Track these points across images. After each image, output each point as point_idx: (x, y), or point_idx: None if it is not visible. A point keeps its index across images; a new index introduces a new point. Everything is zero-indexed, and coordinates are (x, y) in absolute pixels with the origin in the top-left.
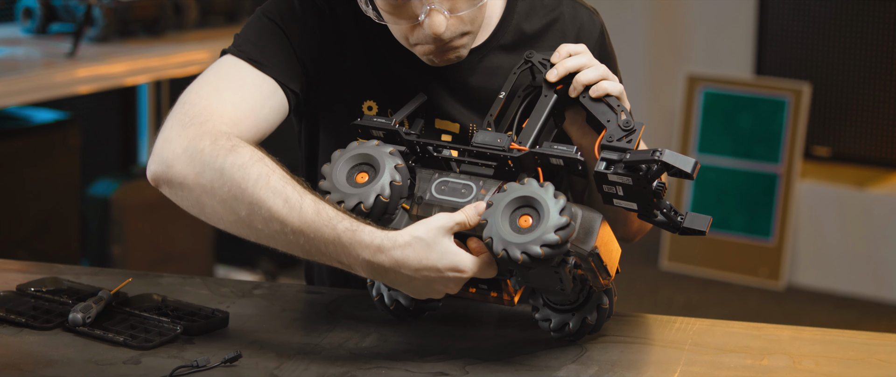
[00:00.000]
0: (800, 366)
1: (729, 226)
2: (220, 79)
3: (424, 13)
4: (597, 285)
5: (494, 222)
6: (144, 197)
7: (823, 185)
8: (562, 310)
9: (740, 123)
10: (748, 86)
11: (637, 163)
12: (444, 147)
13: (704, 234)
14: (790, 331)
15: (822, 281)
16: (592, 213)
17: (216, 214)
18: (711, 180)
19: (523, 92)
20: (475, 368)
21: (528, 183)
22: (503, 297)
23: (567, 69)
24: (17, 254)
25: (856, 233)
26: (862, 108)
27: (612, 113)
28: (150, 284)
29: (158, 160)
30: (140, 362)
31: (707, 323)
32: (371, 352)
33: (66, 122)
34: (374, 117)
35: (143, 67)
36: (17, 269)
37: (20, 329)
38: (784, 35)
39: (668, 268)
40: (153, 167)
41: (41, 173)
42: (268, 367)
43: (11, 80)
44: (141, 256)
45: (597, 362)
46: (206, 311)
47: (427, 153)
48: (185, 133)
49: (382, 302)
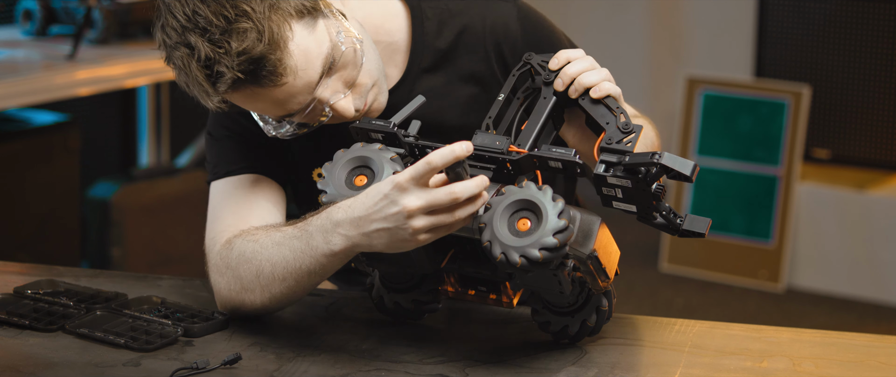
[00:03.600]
0: (799, 368)
1: (728, 228)
2: (212, 210)
3: (328, 111)
4: (596, 287)
5: (493, 225)
6: (144, 199)
7: (823, 188)
8: (561, 312)
9: (740, 126)
10: (748, 88)
11: (636, 165)
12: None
13: (704, 236)
14: (790, 334)
15: (821, 283)
16: (591, 216)
17: (271, 298)
18: (711, 182)
19: (522, 93)
20: (475, 370)
21: (526, 186)
22: (502, 300)
23: (570, 76)
24: (17, 257)
25: (855, 235)
26: (862, 110)
27: (611, 115)
28: (150, 286)
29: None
30: (140, 364)
31: (707, 325)
32: (371, 354)
33: (66, 124)
34: (372, 120)
35: (143, 69)
36: (16, 272)
37: (20, 331)
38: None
39: (667, 270)
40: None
41: (41, 175)
42: (267, 369)
43: (11, 82)
44: (141, 258)
45: (596, 364)
46: (206, 313)
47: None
48: (217, 278)
49: (382, 303)
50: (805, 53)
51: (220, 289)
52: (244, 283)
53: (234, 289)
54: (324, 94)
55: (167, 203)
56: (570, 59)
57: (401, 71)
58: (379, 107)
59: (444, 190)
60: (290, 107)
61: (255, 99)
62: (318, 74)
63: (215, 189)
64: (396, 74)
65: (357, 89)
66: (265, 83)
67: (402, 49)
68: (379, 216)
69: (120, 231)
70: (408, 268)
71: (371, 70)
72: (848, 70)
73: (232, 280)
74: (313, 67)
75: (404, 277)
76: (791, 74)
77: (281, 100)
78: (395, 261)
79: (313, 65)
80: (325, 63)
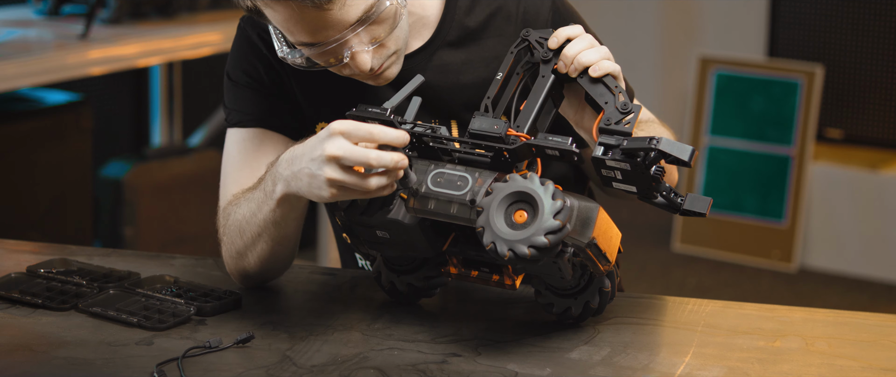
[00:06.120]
0: (812, 347)
1: (741, 208)
2: (223, 164)
3: (347, 56)
4: (597, 271)
5: (489, 213)
6: (157, 178)
7: (836, 168)
8: (563, 294)
9: (753, 106)
10: (761, 68)
11: (634, 150)
12: (441, 139)
13: (705, 216)
14: (803, 313)
15: (834, 263)
16: (589, 203)
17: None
18: (724, 162)
19: (521, 68)
20: (487, 349)
21: (529, 177)
22: (505, 281)
23: (570, 58)
24: (30, 236)
25: (868, 215)
26: (875, 90)
27: (610, 94)
28: (162, 265)
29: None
30: (153, 343)
31: (719, 304)
32: (383, 333)
33: (79, 103)
34: (368, 107)
35: (156, 49)
36: (28, 251)
37: (33, 310)
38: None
39: (680, 250)
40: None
41: (53, 155)
42: (280, 348)
43: (24, 61)
44: (153, 238)
45: (609, 344)
46: (219, 292)
47: (423, 142)
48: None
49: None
50: (818, 33)
51: (225, 259)
52: (237, 248)
53: (233, 256)
54: (351, 39)
55: (180, 182)
56: (569, 36)
57: (425, 40)
58: (389, 75)
59: (361, 150)
60: (318, 36)
61: (290, 14)
62: (356, 16)
63: (229, 138)
64: (417, 45)
65: (380, 49)
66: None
67: (430, 24)
68: (306, 157)
69: (132, 210)
70: (409, 252)
71: (399, 37)
72: (861, 50)
73: (230, 246)
74: (356, 7)
75: (406, 260)
76: (804, 54)
77: (314, 26)
78: (396, 245)
79: (357, 5)
80: (368, 10)
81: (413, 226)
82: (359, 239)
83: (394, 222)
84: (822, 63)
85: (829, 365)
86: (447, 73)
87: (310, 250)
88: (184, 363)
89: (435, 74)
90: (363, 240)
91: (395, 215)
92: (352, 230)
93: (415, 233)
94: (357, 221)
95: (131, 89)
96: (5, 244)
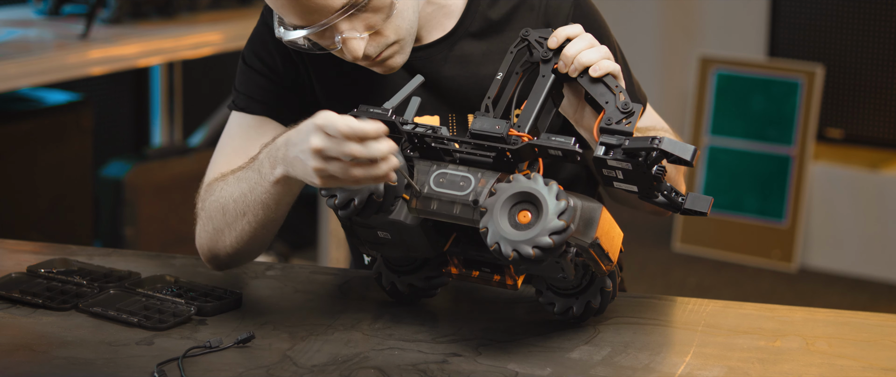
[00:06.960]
0: (813, 347)
1: (742, 208)
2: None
3: (339, 42)
4: (599, 271)
5: (493, 214)
6: (157, 178)
7: (836, 167)
8: (565, 294)
9: (753, 105)
10: (761, 67)
11: (636, 150)
12: (442, 139)
13: (706, 215)
14: (803, 313)
15: (834, 263)
16: (592, 203)
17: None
18: (724, 162)
19: (521, 67)
20: (488, 349)
21: (533, 178)
22: (506, 281)
23: (570, 57)
24: (30, 236)
25: (869, 215)
26: (875, 89)
27: (611, 94)
28: (162, 265)
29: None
30: (153, 343)
31: (720, 304)
32: (384, 333)
33: (79, 103)
34: (369, 108)
35: (156, 49)
36: (29, 250)
37: (33, 310)
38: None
39: (680, 249)
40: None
41: (54, 155)
42: (281, 348)
43: (24, 61)
44: (153, 238)
45: (610, 343)
46: (219, 292)
47: (425, 143)
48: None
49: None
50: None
51: (198, 234)
52: (215, 225)
53: (208, 232)
54: (339, 25)
55: (180, 182)
56: (569, 36)
57: (448, 29)
58: (394, 65)
59: (341, 142)
60: (307, 20)
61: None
62: (342, 2)
63: (232, 120)
64: (439, 35)
65: (377, 37)
66: None
67: (454, 14)
68: (297, 147)
69: (133, 210)
70: (410, 253)
71: (399, 27)
72: (861, 49)
73: (206, 222)
74: None
75: (407, 260)
76: (804, 54)
77: (303, 9)
78: (397, 245)
79: None
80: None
81: (414, 227)
82: (360, 239)
83: (395, 223)
84: (823, 63)
85: (829, 365)
86: (468, 63)
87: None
88: (184, 363)
89: (455, 65)
90: (364, 241)
91: (396, 216)
92: (353, 230)
93: (416, 233)
94: (358, 222)
95: (132, 89)
96: (5, 244)
